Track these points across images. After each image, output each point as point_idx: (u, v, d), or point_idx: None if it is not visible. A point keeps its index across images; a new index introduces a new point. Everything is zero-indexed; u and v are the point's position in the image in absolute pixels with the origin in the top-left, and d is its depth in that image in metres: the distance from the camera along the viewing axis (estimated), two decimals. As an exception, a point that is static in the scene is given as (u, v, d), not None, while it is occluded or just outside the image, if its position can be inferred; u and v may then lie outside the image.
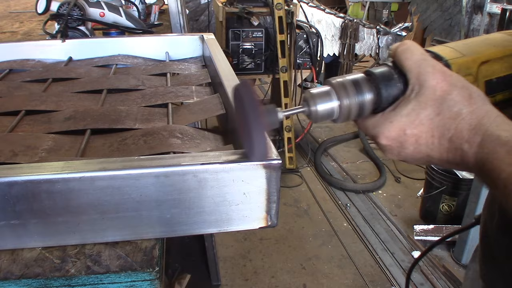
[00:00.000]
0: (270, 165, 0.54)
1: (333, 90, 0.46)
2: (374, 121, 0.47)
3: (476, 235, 2.29)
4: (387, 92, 0.46)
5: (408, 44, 0.46)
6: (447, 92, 0.43)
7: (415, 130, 0.44)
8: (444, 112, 0.43)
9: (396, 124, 0.44)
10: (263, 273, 2.15)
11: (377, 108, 0.47)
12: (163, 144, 0.69)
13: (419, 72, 0.44)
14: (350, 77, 0.47)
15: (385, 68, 0.47)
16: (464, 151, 0.42)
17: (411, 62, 0.45)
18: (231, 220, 0.57)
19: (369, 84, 0.46)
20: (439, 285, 2.04)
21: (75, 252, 0.55)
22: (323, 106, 0.46)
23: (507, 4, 3.08)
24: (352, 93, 0.46)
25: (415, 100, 0.44)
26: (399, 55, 0.46)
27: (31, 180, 0.51)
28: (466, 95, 0.43)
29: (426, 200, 2.48)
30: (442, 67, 0.45)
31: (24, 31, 1.81)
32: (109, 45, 1.22)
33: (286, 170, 3.02)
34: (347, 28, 3.22)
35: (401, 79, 0.46)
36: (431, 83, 0.43)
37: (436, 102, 0.43)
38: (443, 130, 0.43)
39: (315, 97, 0.46)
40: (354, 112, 0.47)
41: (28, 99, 0.89)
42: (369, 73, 0.47)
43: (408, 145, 0.44)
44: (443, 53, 0.49)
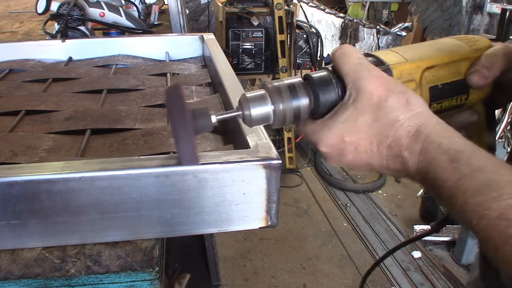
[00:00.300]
0: (270, 165, 0.55)
1: (267, 94, 0.45)
2: (313, 127, 0.45)
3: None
4: (324, 97, 0.45)
5: (345, 48, 0.45)
6: (383, 98, 0.41)
7: (353, 137, 0.42)
8: (382, 119, 0.41)
9: (334, 131, 0.43)
10: (263, 273, 2.15)
11: (315, 114, 0.45)
12: (163, 144, 0.69)
13: (356, 77, 0.43)
14: (287, 81, 0.46)
15: (324, 73, 0.46)
16: (405, 159, 0.40)
17: (348, 66, 0.44)
18: (231, 220, 0.57)
19: (306, 89, 0.45)
20: (439, 285, 2.04)
21: (75, 252, 0.55)
22: (257, 111, 0.44)
23: (507, 4, 3.09)
24: (287, 98, 0.44)
25: (352, 106, 0.42)
26: (336, 59, 0.45)
27: (31, 180, 0.51)
28: (403, 101, 0.41)
29: (426, 200, 2.48)
30: (380, 72, 0.43)
31: (24, 31, 1.81)
32: (109, 45, 1.22)
33: (286, 170, 3.02)
34: (347, 28, 3.22)
35: (339, 84, 0.45)
36: (367, 88, 0.42)
37: (372, 108, 0.42)
38: (381, 137, 0.41)
39: (249, 101, 0.45)
40: (289, 117, 0.45)
41: (28, 99, 0.89)
42: (307, 78, 0.46)
43: (347, 153, 0.43)
44: (386, 58, 0.47)
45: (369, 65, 0.44)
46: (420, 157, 0.39)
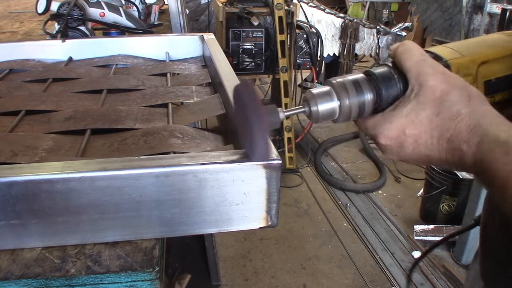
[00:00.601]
0: (270, 165, 0.54)
1: (333, 90, 0.47)
2: (374, 121, 0.47)
3: (476, 236, 2.27)
4: (387, 92, 0.46)
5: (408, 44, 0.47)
6: (446, 93, 0.43)
7: (414, 130, 0.44)
8: (443, 113, 0.43)
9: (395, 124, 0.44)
10: (263, 273, 2.15)
11: (377, 108, 0.47)
12: (163, 144, 0.69)
13: (419, 72, 0.44)
14: (351, 77, 0.47)
15: (385, 69, 0.48)
16: (463, 152, 0.42)
17: (411, 62, 0.45)
18: (231, 220, 0.57)
19: (369, 84, 0.47)
20: (439, 285, 2.04)
21: (75, 252, 0.55)
22: (324, 106, 0.46)
23: (507, 4, 3.08)
24: (352, 93, 0.46)
25: (414, 100, 0.44)
26: (399, 55, 0.46)
27: (31, 180, 0.51)
28: (465, 96, 0.43)
29: (426, 200, 2.48)
30: (442, 68, 0.45)
31: (24, 31, 1.81)
32: (109, 45, 1.22)
33: (286, 170, 3.02)
34: (347, 28, 3.22)
35: (400, 80, 0.46)
36: (430, 83, 0.43)
37: (435, 103, 0.43)
38: (442, 130, 0.43)
39: (316, 97, 0.47)
40: (354, 112, 0.47)
41: (28, 99, 0.89)
42: (369, 74, 0.48)
43: (408, 145, 0.44)
44: (443, 54, 0.49)
45: (432, 61, 0.45)
46: (477, 149, 0.40)
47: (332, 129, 3.78)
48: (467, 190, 2.20)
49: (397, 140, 0.45)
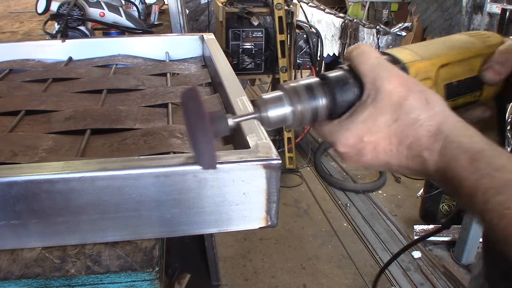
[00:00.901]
0: (270, 165, 0.55)
1: (285, 95, 0.44)
2: (330, 127, 0.45)
3: (475, 236, 2.28)
4: (342, 97, 0.44)
5: (362, 47, 0.45)
6: (404, 98, 0.41)
7: (372, 137, 0.42)
8: (402, 118, 0.41)
9: (353, 131, 0.43)
10: (263, 273, 2.15)
11: (332, 114, 0.45)
12: (163, 144, 0.69)
13: (375, 77, 0.42)
14: (304, 82, 0.45)
15: (341, 72, 0.45)
16: (424, 158, 0.40)
17: (366, 66, 0.43)
18: (231, 220, 0.57)
19: (323, 89, 0.44)
20: (439, 285, 2.04)
21: (75, 252, 0.55)
22: (275, 112, 0.44)
23: (507, 4, 3.08)
24: (304, 99, 0.44)
25: (371, 106, 0.42)
26: (353, 58, 0.44)
27: (31, 180, 0.51)
28: (423, 100, 0.41)
29: (426, 200, 2.48)
30: (398, 71, 0.43)
31: (24, 31, 1.81)
32: (109, 45, 1.22)
33: (286, 170, 3.02)
34: (347, 28, 3.22)
35: (356, 84, 0.44)
36: (387, 88, 0.42)
37: (393, 108, 0.41)
38: (401, 137, 0.41)
39: (267, 103, 0.44)
40: (307, 118, 0.45)
41: (28, 99, 0.89)
42: (324, 77, 0.45)
43: (366, 153, 0.43)
44: (401, 56, 0.47)
45: (388, 64, 0.43)
46: (440, 157, 0.39)
47: (332, 129, 3.77)
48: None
49: (355, 148, 0.43)
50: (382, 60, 0.44)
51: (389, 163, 0.43)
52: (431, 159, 0.40)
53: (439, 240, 2.32)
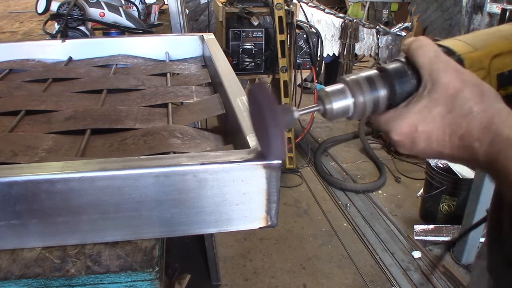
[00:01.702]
0: (270, 165, 0.54)
1: (347, 88, 0.46)
2: (387, 117, 0.47)
3: (475, 236, 2.28)
4: (401, 89, 0.46)
5: (421, 40, 0.47)
6: (459, 90, 0.43)
7: (426, 127, 0.44)
8: (456, 110, 0.43)
9: (408, 121, 0.45)
10: (263, 273, 2.15)
11: (391, 104, 0.47)
12: (163, 144, 0.69)
13: (432, 69, 0.44)
14: (364, 74, 0.47)
15: (399, 64, 0.48)
16: (475, 149, 0.42)
17: (425, 59, 0.45)
18: (231, 220, 0.57)
19: (383, 81, 0.47)
20: (439, 285, 2.04)
21: (75, 252, 0.55)
22: (338, 104, 0.46)
23: (507, 4, 3.08)
24: (366, 90, 0.46)
25: (427, 97, 0.44)
26: (412, 51, 0.46)
27: (31, 180, 0.51)
28: (478, 93, 0.43)
29: (426, 200, 2.48)
30: (455, 64, 0.45)
31: (24, 31, 1.80)
32: (109, 45, 1.22)
33: (286, 170, 3.02)
34: (347, 28, 3.22)
35: (414, 75, 0.46)
36: (443, 80, 0.44)
37: (448, 100, 0.43)
38: (455, 127, 0.43)
39: (330, 95, 0.47)
40: (368, 109, 0.47)
41: (28, 99, 0.89)
42: (383, 70, 0.47)
43: (420, 141, 0.45)
44: (456, 48, 0.48)
45: (445, 57, 0.45)
46: (489, 148, 0.41)
47: (332, 129, 3.78)
48: (467, 190, 2.20)
49: (409, 136, 0.45)
50: (440, 53, 0.45)
51: (441, 152, 0.45)
52: (481, 150, 0.41)
53: (439, 240, 2.32)
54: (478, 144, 0.42)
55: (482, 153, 0.41)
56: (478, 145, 0.42)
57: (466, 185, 2.25)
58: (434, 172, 2.37)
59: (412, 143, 0.46)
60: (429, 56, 0.45)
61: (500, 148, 0.40)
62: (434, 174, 2.37)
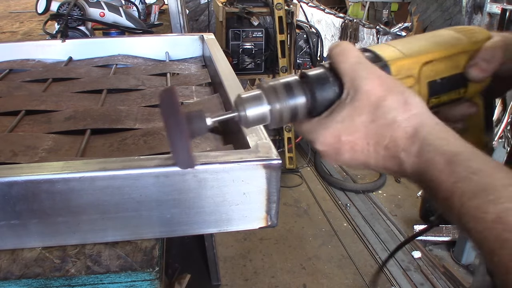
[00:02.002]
0: (270, 165, 0.55)
1: (263, 94, 0.43)
2: (310, 125, 0.44)
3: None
4: (322, 96, 0.43)
5: (343, 45, 0.44)
6: (382, 98, 0.41)
7: (350, 137, 0.42)
8: (379, 119, 0.41)
9: (331, 130, 0.42)
10: (263, 273, 2.15)
11: (312, 112, 0.44)
12: (163, 144, 0.69)
13: (354, 76, 0.42)
14: (283, 80, 0.44)
15: (321, 70, 0.45)
16: (401, 160, 0.40)
17: (346, 65, 0.43)
18: (231, 220, 0.57)
19: (303, 87, 0.44)
20: (439, 285, 2.04)
21: (75, 252, 0.55)
22: (253, 111, 0.43)
23: (507, 4, 3.08)
24: (283, 97, 0.43)
25: (350, 106, 0.42)
26: (334, 57, 0.44)
27: (31, 180, 0.51)
28: (402, 101, 0.41)
29: (426, 200, 2.48)
30: (379, 71, 0.43)
31: (24, 31, 1.81)
32: (109, 45, 1.22)
33: (286, 170, 3.02)
34: (347, 28, 3.22)
35: (336, 82, 0.43)
36: (365, 88, 0.41)
37: (370, 108, 0.41)
38: (378, 137, 0.41)
39: (245, 102, 0.44)
40: (286, 117, 0.44)
41: (28, 99, 0.89)
42: (304, 76, 0.45)
43: (344, 152, 0.43)
44: (383, 54, 0.46)
45: (367, 63, 0.43)
46: (417, 159, 0.39)
47: (332, 129, 3.77)
48: (467, 190, 2.20)
49: (333, 146, 0.43)
50: (362, 59, 0.43)
51: (366, 163, 0.43)
52: (408, 161, 0.40)
53: (439, 240, 2.32)
54: (404, 155, 0.40)
55: (409, 164, 0.40)
56: (405, 156, 0.40)
57: (466, 185, 2.25)
58: (434, 172, 2.37)
59: (337, 154, 0.43)
60: (350, 63, 0.43)
61: (428, 158, 0.38)
62: (434, 174, 2.37)
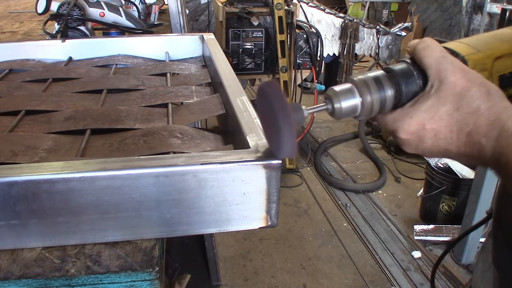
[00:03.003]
0: (270, 165, 0.54)
1: (355, 88, 0.48)
2: (393, 116, 0.48)
3: (476, 236, 2.27)
4: (407, 89, 0.48)
5: (427, 41, 0.48)
6: (466, 89, 0.44)
7: (434, 125, 0.45)
8: (463, 108, 0.44)
9: (415, 119, 0.46)
10: (263, 273, 2.15)
11: (397, 104, 0.49)
12: (163, 144, 0.69)
13: (439, 69, 0.46)
14: (371, 74, 0.49)
15: (404, 65, 0.49)
16: (482, 145, 0.43)
17: (431, 59, 0.47)
18: (231, 220, 0.57)
19: (390, 81, 0.48)
20: (439, 285, 2.04)
21: (75, 252, 0.55)
22: (346, 103, 0.48)
23: (507, 4, 3.08)
24: (374, 90, 0.48)
25: (434, 96, 0.45)
26: (419, 52, 0.48)
27: (31, 180, 0.51)
28: (484, 92, 0.44)
29: (426, 200, 2.48)
30: (461, 64, 0.46)
31: (24, 31, 1.81)
32: (109, 45, 1.22)
33: (286, 170, 3.02)
34: (347, 28, 3.22)
35: (419, 76, 0.48)
36: (450, 79, 0.45)
37: (455, 98, 0.45)
38: (462, 125, 0.44)
39: (338, 95, 0.48)
40: (376, 108, 0.48)
41: (28, 99, 0.89)
42: (389, 70, 0.49)
43: (427, 140, 0.46)
44: (459, 49, 0.50)
45: (451, 57, 0.47)
46: (496, 143, 0.42)
47: (332, 129, 3.78)
48: (467, 190, 2.20)
49: (416, 135, 0.46)
50: (446, 53, 0.47)
51: (448, 150, 0.46)
52: (488, 145, 0.43)
53: (439, 240, 2.32)
54: (485, 140, 0.43)
55: (489, 148, 0.43)
56: (485, 141, 0.43)
57: (466, 185, 2.25)
58: (434, 172, 2.37)
59: (419, 142, 0.47)
60: (435, 57, 0.46)
61: (507, 142, 0.41)
62: (434, 174, 2.37)
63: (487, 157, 0.43)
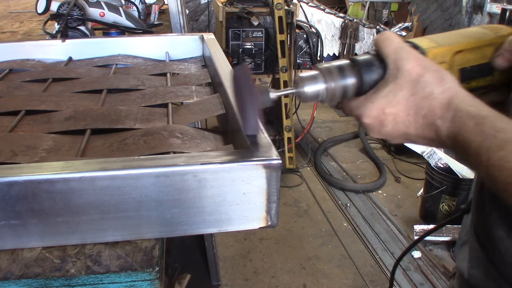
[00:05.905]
0: (270, 165, 0.55)
1: (320, 74, 0.52)
2: (357, 102, 0.52)
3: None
4: (369, 77, 0.52)
5: (387, 34, 0.52)
6: (420, 75, 0.48)
7: (393, 109, 0.49)
8: (418, 92, 0.48)
9: (376, 104, 0.50)
10: (263, 273, 2.15)
11: (360, 92, 0.52)
12: (163, 144, 0.69)
13: (396, 58, 0.50)
14: (336, 63, 0.53)
15: (368, 56, 0.53)
16: (438, 126, 0.47)
17: (389, 49, 0.50)
18: (231, 220, 0.57)
19: (353, 70, 0.52)
20: (439, 285, 2.04)
21: (75, 252, 0.55)
22: (311, 88, 0.52)
23: (507, 4, 3.08)
24: (337, 77, 0.52)
25: (392, 83, 0.49)
26: (379, 43, 0.52)
27: (31, 180, 0.51)
28: (438, 77, 0.48)
29: (426, 200, 2.48)
30: (417, 54, 0.50)
31: (24, 31, 1.80)
32: (109, 45, 1.22)
33: (286, 170, 3.02)
34: (347, 28, 3.22)
35: (381, 66, 0.52)
36: (406, 67, 0.49)
37: (411, 84, 0.48)
38: (417, 108, 0.48)
39: (304, 80, 0.52)
40: (338, 94, 0.52)
41: (28, 99, 0.89)
42: (353, 60, 0.53)
43: (387, 123, 0.50)
44: (420, 43, 0.54)
45: (408, 47, 0.50)
46: (451, 124, 0.45)
47: (332, 129, 3.78)
48: (467, 190, 2.20)
49: (378, 119, 0.50)
50: (403, 44, 0.51)
51: (407, 133, 0.50)
52: (443, 126, 0.46)
53: (439, 240, 2.32)
54: (440, 122, 0.46)
55: (445, 129, 0.46)
56: (441, 122, 0.46)
57: (466, 185, 2.25)
58: (434, 172, 2.37)
59: (381, 126, 0.50)
60: (393, 47, 0.50)
61: (461, 122, 0.44)
62: (434, 174, 2.37)
63: (443, 137, 0.46)
